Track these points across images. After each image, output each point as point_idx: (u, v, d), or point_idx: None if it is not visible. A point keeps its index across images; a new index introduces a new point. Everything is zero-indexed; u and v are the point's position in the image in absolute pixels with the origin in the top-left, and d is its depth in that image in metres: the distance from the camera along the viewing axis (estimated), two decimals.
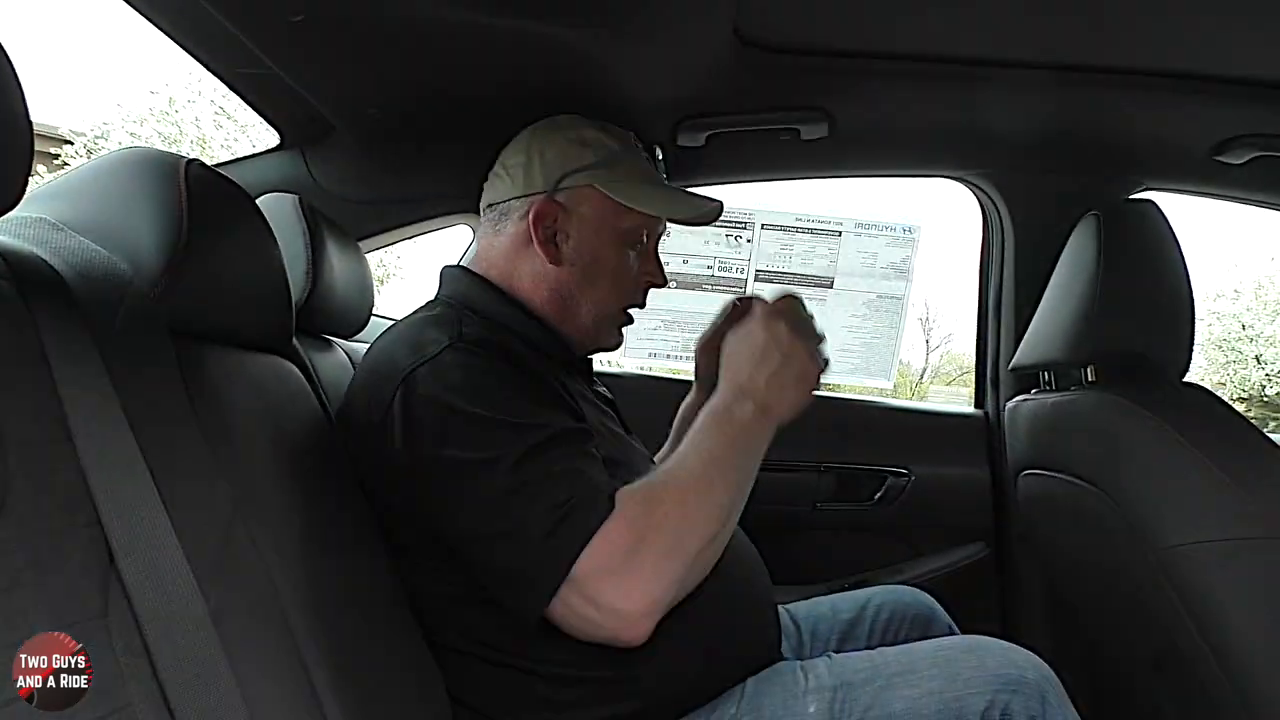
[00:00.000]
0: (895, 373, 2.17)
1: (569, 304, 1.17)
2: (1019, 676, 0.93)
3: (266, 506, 0.83)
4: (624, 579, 0.88)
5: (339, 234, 1.41)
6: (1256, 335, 14.75)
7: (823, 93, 1.53)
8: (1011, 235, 1.93)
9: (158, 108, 10.89)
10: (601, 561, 0.88)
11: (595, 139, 1.18)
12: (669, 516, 0.91)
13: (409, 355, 0.99)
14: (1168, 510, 1.18)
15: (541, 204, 1.15)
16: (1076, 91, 1.49)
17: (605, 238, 1.17)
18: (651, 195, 1.18)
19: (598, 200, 1.16)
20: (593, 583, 0.88)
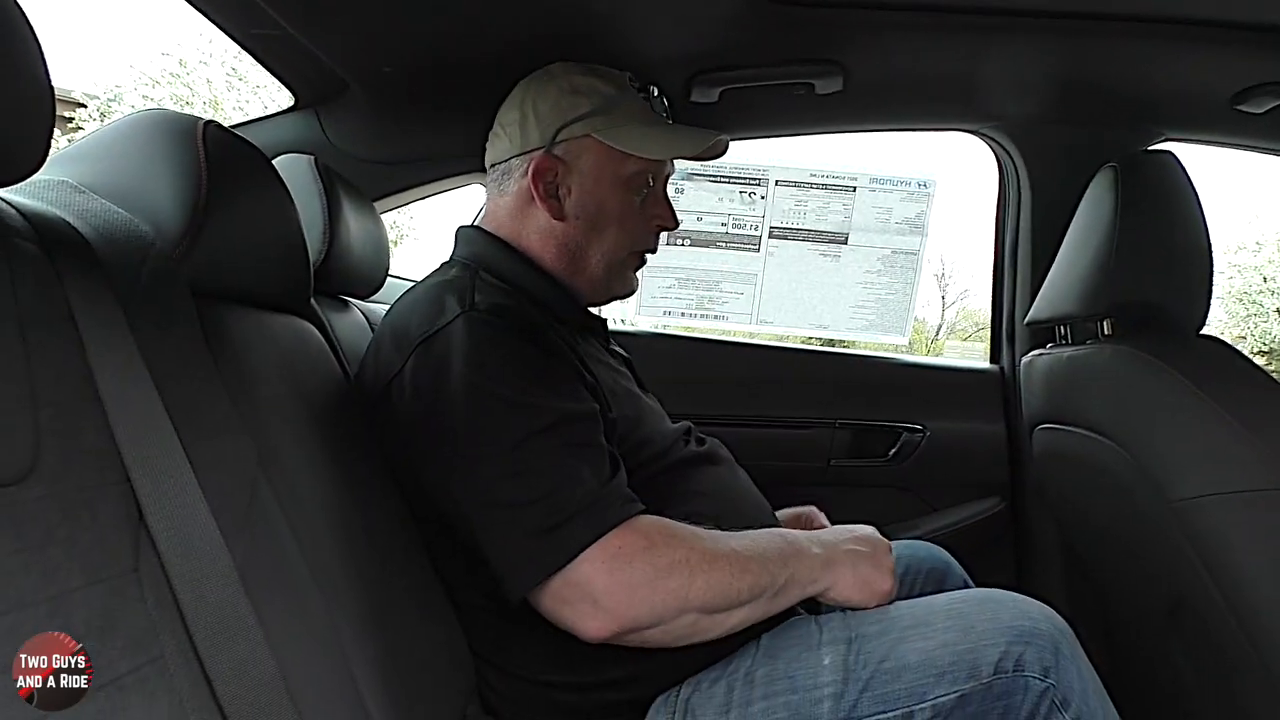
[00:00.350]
0: (910, 329, 2.16)
1: (578, 256, 1.18)
2: (1032, 628, 0.93)
3: (289, 462, 0.85)
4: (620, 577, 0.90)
5: (355, 194, 1.41)
6: (1278, 288, 14.58)
7: (837, 45, 1.51)
8: (1028, 189, 1.91)
9: (170, 69, 10.85)
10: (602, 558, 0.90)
11: (588, 85, 1.17)
12: (688, 560, 0.92)
13: (421, 323, 1.00)
14: (1182, 462, 1.18)
15: (540, 160, 1.15)
16: (1092, 41, 1.47)
17: (607, 186, 1.16)
18: (650, 137, 1.17)
19: (597, 149, 1.15)
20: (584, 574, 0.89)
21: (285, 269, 1.00)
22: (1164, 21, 1.40)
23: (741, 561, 0.95)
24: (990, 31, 1.45)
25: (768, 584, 0.96)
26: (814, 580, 1.00)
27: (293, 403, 0.93)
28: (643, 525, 0.93)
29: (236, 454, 0.76)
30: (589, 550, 0.89)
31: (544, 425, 0.94)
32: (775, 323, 2.15)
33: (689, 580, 0.91)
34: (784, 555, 0.99)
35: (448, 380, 0.96)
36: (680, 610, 0.91)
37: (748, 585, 0.94)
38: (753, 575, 0.94)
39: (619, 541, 0.90)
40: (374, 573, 0.91)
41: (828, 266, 2.10)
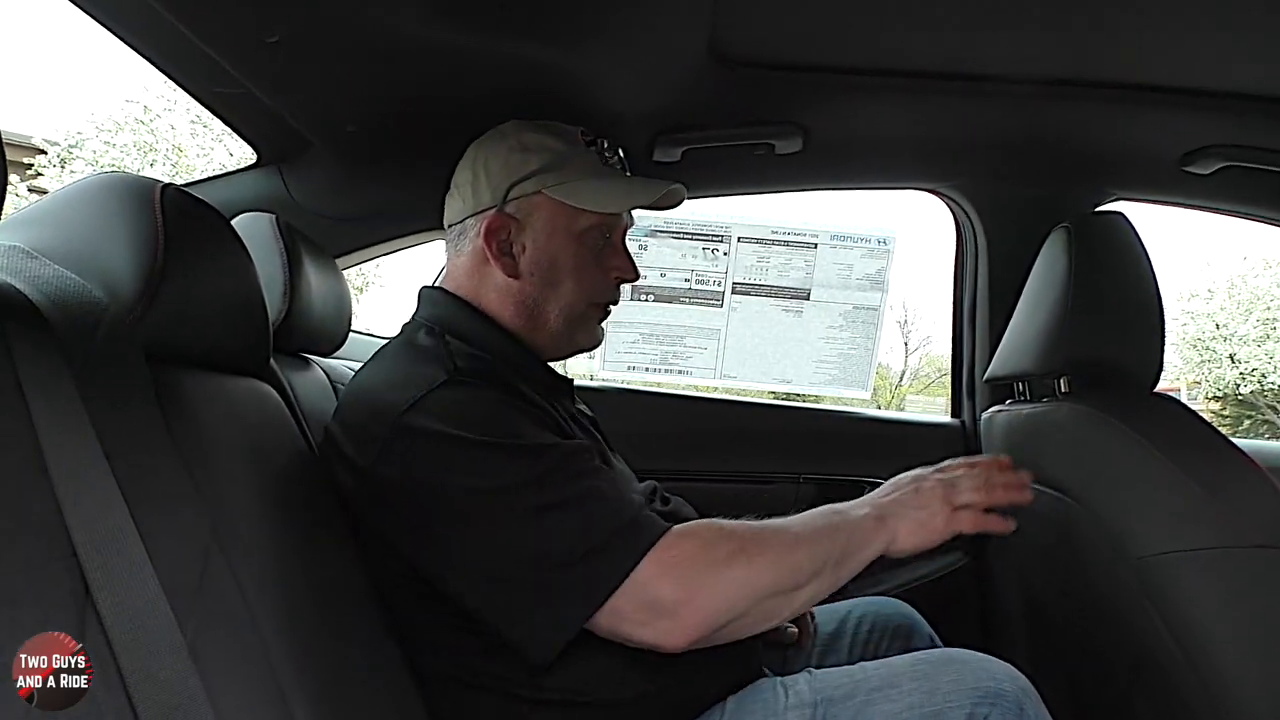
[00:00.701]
0: (872, 383, 2.18)
1: (536, 313, 1.17)
2: (996, 689, 0.93)
3: (245, 533, 0.82)
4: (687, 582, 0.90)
5: (316, 252, 1.40)
6: (1230, 334, 14.87)
7: (797, 107, 1.54)
8: (985, 247, 1.94)
9: (133, 116, 10.78)
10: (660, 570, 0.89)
11: (538, 142, 1.17)
12: (743, 548, 0.93)
13: (402, 391, 0.99)
14: (1141, 521, 1.19)
15: (492, 219, 1.15)
16: (1045, 104, 1.52)
17: (560, 241, 1.16)
18: (601, 190, 1.16)
19: (548, 205, 1.15)
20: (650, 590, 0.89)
21: (243, 332, 0.99)
22: (1114, 86, 1.45)
23: (792, 538, 0.96)
24: (946, 95, 1.49)
25: (825, 554, 0.96)
26: (870, 541, 1.00)
27: (250, 469, 0.91)
28: (687, 528, 0.94)
29: (190, 525, 0.74)
30: (643, 564, 0.89)
31: (550, 464, 0.94)
32: (739, 377, 2.15)
33: (750, 567, 0.91)
34: (833, 525, 0.99)
35: (439, 449, 0.94)
36: (752, 597, 0.92)
37: (806, 558, 0.95)
38: (807, 547, 0.95)
39: (670, 548, 0.90)
40: (331, 646, 0.89)
41: (790, 322, 2.11)
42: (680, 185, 1.24)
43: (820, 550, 0.96)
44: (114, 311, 0.76)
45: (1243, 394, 14.82)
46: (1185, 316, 15.33)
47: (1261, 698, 1.10)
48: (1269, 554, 1.12)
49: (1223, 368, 14.85)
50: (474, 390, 1.00)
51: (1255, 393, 14.75)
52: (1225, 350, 14.84)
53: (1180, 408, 1.25)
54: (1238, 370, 14.70)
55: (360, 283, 12.72)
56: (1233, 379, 14.76)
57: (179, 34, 1.07)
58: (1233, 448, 1.18)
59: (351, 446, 1.01)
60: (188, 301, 0.85)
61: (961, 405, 2.07)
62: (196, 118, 10.80)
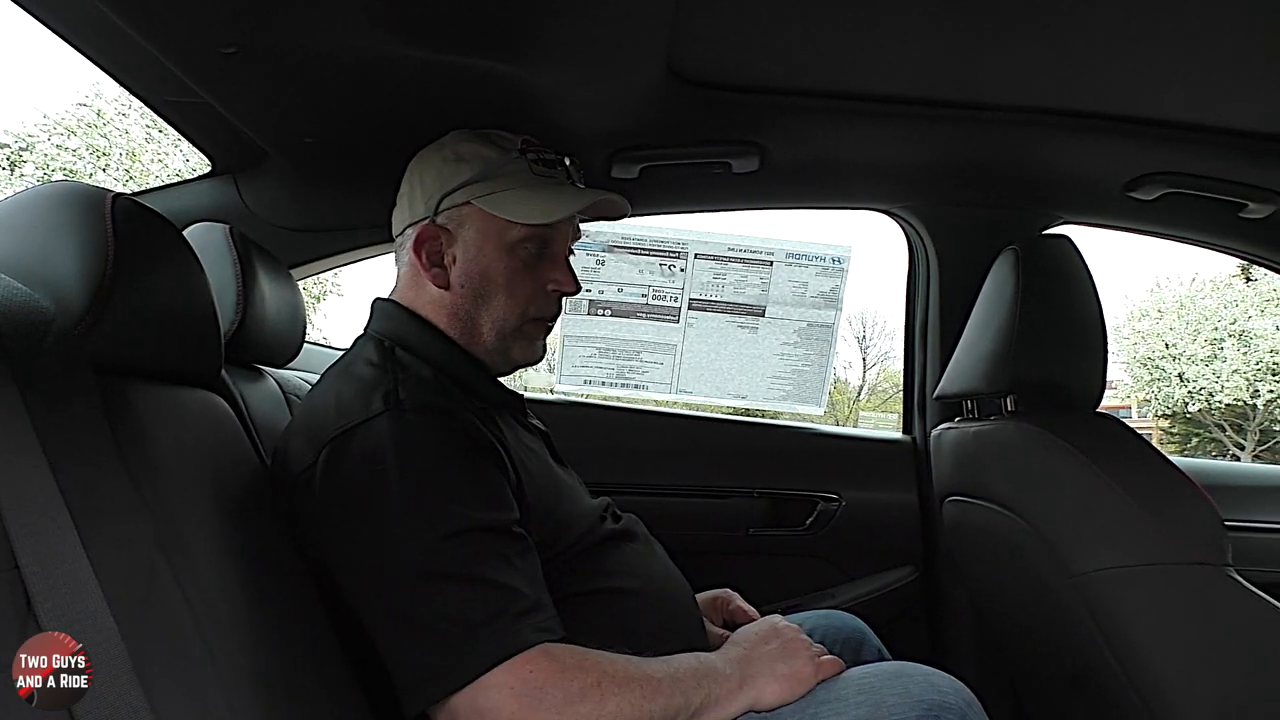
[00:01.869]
0: (826, 399, 2.20)
1: (468, 325, 1.16)
2: (941, 701, 0.94)
3: (192, 546, 0.82)
4: (529, 704, 0.86)
5: (270, 262, 1.40)
6: (1179, 354, 15.21)
7: (754, 127, 1.55)
8: (936, 267, 1.98)
9: (85, 120, 10.61)
10: (511, 684, 0.87)
11: (472, 152, 1.15)
12: (600, 684, 0.89)
13: (339, 416, 0.98)
14: (1082, 537, 1.21)
15: (422, 230, 1.14)
16: (995, 129, 1.55)
17: (491, 253, 1.14)
18: (531, 201, 1.14)
19: (478, 216, 1.14)
20: (493, 700, 0.87)
21: (194, 343, 0.99)
22: (1061, 114, 1.48)
23: (654, 684, 0.91)
24: (900, 119, 1.51)
25: (681, 705, 0.92)
26: (732, 700, 0.96)
27: (199, 481, 0.90)
28: (554, 651, 0.90)
29: (135, 537, 0.73)
30: (495, 673, 0.87)
31: (458, 531, 0.92)
32: (694, 392, 2.16)
33: (600, 706, 0.88)
34: (698, 676, 0.95)
35: (361, 480, 0.94)
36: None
37: (660, 708, 0.91)
38: (664, 698, 0.91)
39: (529, 666, 0.88)
40: (278, 659, 0.88)
41: (745, 338, 2.13)
42: (618, 196, 1.23)
43: (679, 699, 0.92)
44: (61, 322, 0.75)
45: (1190, 412, 15.15)
46: (1136, 336, 15.66)
47: (1197, 711, 1.13)
48: (1205, 571, 1.15)
49: (1171, 386, 15.18)
50: (408, 426, 0.98)
51: (1203, 410, 15.09)
52: (1174, 369, 15.17)
53: (1120, 427, 1.27)
54: (1186, 389, 15.04)
55: (318, 291, 12.62)
56: (1181, 397, 15.09)
57: (133, 43, 1.07)
58: (1171, 466, 1.21)
59: (292, 462, 1.01)
60: (137, 312, 0.85)
61: (913, 422, 2.09)
62: (151, 123, 10.66)
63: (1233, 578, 1.15)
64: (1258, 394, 14.58)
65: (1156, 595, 1.16)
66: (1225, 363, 14.71)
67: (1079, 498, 1.22)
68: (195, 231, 1.31)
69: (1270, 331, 14.61)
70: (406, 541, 0.91)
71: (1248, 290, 15.42)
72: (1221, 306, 15.26)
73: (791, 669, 0.99)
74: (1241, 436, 15.22)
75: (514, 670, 0.87)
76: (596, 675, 0.89)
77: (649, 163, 1.60)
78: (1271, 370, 14.50)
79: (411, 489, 0.93)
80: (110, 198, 0.84)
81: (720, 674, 0.97)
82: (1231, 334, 14.87)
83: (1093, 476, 1.21)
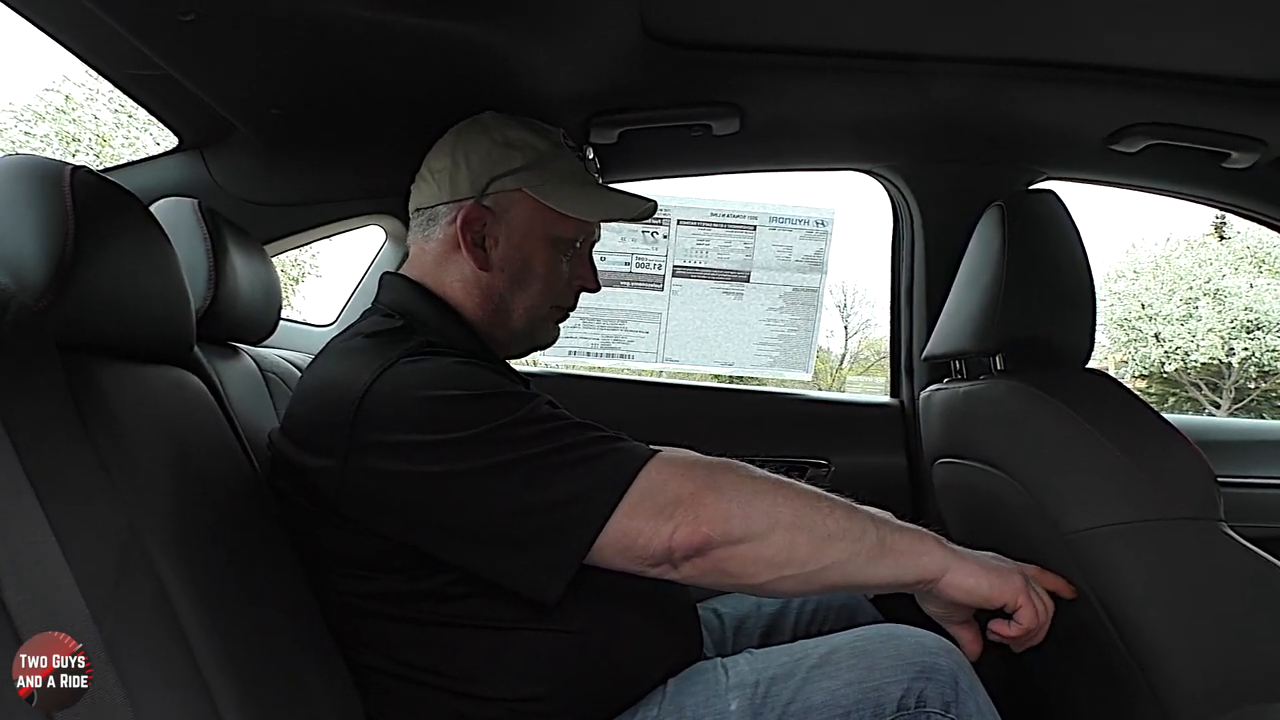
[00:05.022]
0: (813, 364, 2.20)
1: (500, 308, 1.16)
2: (932, 663, 0.95)
3: (166, 526, 0.80)
4: (700, 480, 0.88)
5: (242, 238, 1.37)
6: (1155, 314, 15.35)
7: (733, 88, 1.54)
8: (920, 226, 1.96)
9: (53, 105, 10.47)
10: (669, 469, 0.89)
11: (522, 140, 1.16)
12: (767, 480, 0.91)
13: (368, 366, 0.95)
14: (1072, 495, 1.20)
15: (469, 209, 1.13)
16: (975, 83, 1.53)
17: (536, 242, 1.15)
18: (582, 197, 1.16)
19: (528, 204, 1.14)
20: (660, 484, 0.88)
21: (164, 319, 0.96)
22: (1040, 65, 1.46)
23: (828, 505, 0.92)
24: (879, 75, 1.50)
25: (860, 531, 0.91)
26: (917, 550, 0.94)
27: (172, 459, 0.88)
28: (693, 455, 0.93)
29: (106, 517, 0.71)
30: (650, 467, 0.88)
31: (530, 404, 0.93)
32: (680, 361, 2.16)
33: (773, 494, 0.89)
34: (874, 519, 0.94)
35: (412, 412, 0.92)
36: (770, 521, 0.88)
37: (836, 523, 0.90)
38: (840, 517, 0.91)
39: (679, 456, 0.90)
40: (260, 643, 0.86)
41: (731, 304, 2.12)
42: (654, 202, 1.23)
43: (855, 526, 0.91)
44: (21, 299, 0.73)
45: (1167, 371, 15.29)
46: (1112, 297, 15.77)
47: (1190, 669, 1.12)
48: (1197, 526, 1.14)
49: (1148, 346, 15.33)
50: (441, 363, 0.97)
51: (1179, 370, 15.24)
52: (1150, 329, 15.31)
53: (1110, 382, 1.26)
54: (1162, 349, 15.18)
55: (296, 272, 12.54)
56: (1158, 357, 15.24)
57: (89, 13, 1.03)
58: (1161, 421, 1.20)
59: (313, 437, 0.97)
60: (101, 288, 0.82)
61: (900, 385, 2.09)
62: (120, 106, 10.54)
63: (1226, 533, 1.14)
64: (1233, 352, 14.72)
65: (1149, 552, 1.15)
66: (1200, 322, 14.84)
67: (1069, 455, 1.21)
68: (163, 206, 1.28)
69: (1244, 289, 14.74)
70: (491, 436, 0.89)
71: (1221, 249, 15.58)
72: (1196, 265, 15.38)
73: (993, 574, 0.97)
74: (1217, 395, 15.39)
75: (660, 464, 0.89)
76: (759, 477, 0.91)
77: (627, 126, 1.58)
78: (1246, 328, 14.65)
79: (464, 396, 0.92)
80: (69, 170, 0.81)
81: (900, 529, 0.96)
82: (1206, 293, 15.01)
83: (1083, 433, 1.19)
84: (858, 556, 0.90)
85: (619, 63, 1.39)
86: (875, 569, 0.92)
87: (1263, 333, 14.56)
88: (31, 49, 11.78)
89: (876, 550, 0.91)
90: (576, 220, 1.16)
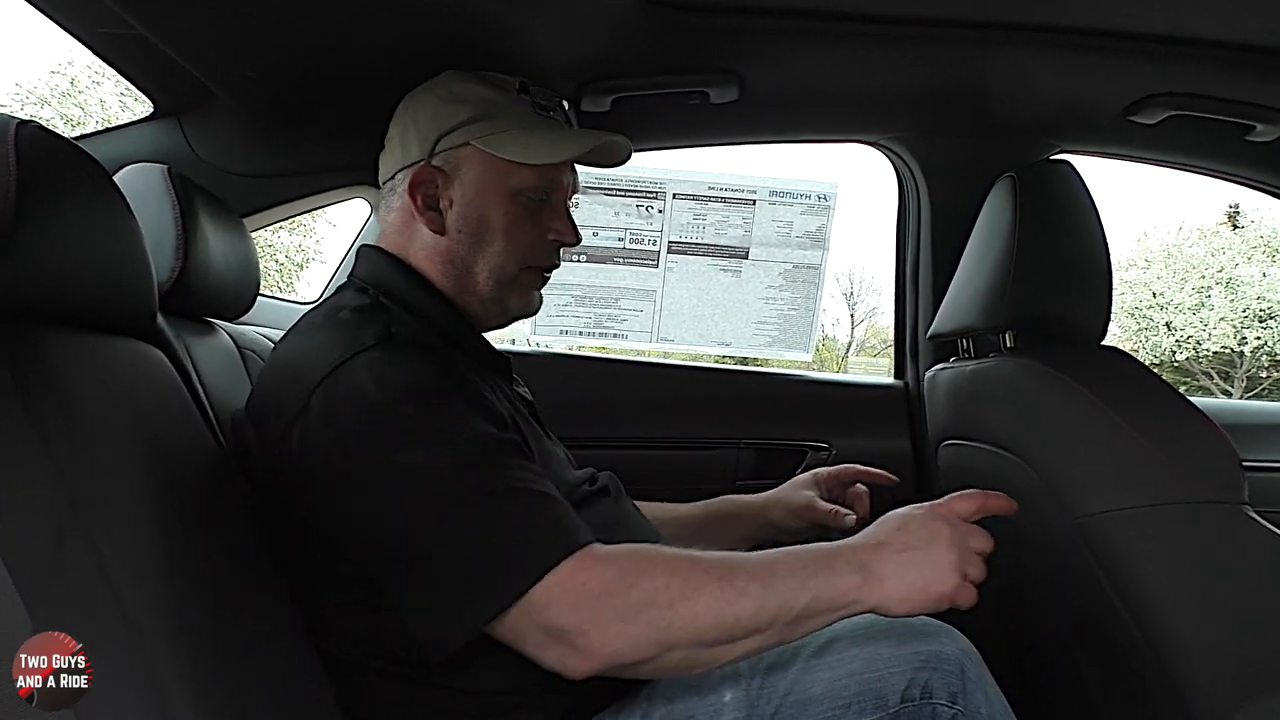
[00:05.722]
0: (814, 345, 2.15)
1: (464, 273, 1.10)
2: (938, 652, 0.92)
3: (114, 509, 0.74)
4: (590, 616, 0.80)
5: (217, 207, 1.33)
6: (1166, 303, 15.32)
7: (731, 54, 1.48)
8: (927, 201, 1.91)
9: (59, 89, 10.49)
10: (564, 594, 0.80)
11: (470, 93, 1.10)
12: (669, 587, 0.81)
13: (332, 351, 0.91)
14: (1088, 477, 1.16)
15: (418, 172, 1.09)
16: (987, 50, 1.48)
17: (491, 197, 1.09)
18: (535, 142, 1.09)
19: (478, 159, 1.08)
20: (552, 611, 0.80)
21: (121, 287, 0.90)
22: (1058, 31, 1.41)
23: (738, 589, 0.81)
24: (885, 41, 1.45)
25: (777, 611, 0.82)
26: (844, 602, 0.84)
27: (127, 437, 0.82)
28: (610, 554, 0.83)
29: (43, 499, 0.67)
30: (545, 584, 0.80)
31: (477, 451, 0.87)
32: (676, 340, 2.10)
33: (671, 613, 0.80)
34: (805, 575, 0.83)
35: (362, 414, 0.88)
36: (663, 647, 0.80)
37: (750, 613, 0.81)
38: (755, 600, 0.81)
39: (581, 572, 0.81)
40: (224, 630, 0.81)
41: (728, 282, 2.07)
42: (623, 138, 1.17)
43: (772, 606, 0.82)
44: None
45: (1178, 360, 15.25)
46: (1123, 286, 15.71)
47: (1211, 659, 1.08)
48: (1221, 510, 1.09)
49: (1159, 335, 15.30)
50: (406, 356, 0.92)
51: (1190, 359, 15.20)
52: (1162, 318, 15.28)
53: (1127, 359, 1.22)
54: (1174, 338, 15.15)
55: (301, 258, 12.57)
56: (1169, 346, 15.21)
57: None
58: (1182, 399, 1.16)
59: (271, 408, 0.95)
60: (48, 251, 0.76)
61: (905, 366, 2.05)
62: (125, 90, 10.53)
63: (1251, 517, 1.09)
64: (1245, 341, 14.68)
65: (1169, 537, 1.10)
66: (1212, 311, 14.80)
67: (1084, 436, 1.17)
68: (131, 173, 1.23)
69: (1257, 278, 14.69)
70: (427, 469, 0.84)
71: (1234, 238, 15.52)
72: (1208, 254, 15.33)
73: (926, 580, 0.85)
74: (1229, 384, 15.36)
75: (561, 583, 0.80)
76: (665, 578, 0.81)
77: (621, 94, 1.52)
78: (1258, 317, 14.60)
79: (419, 416, 0.87)
80: (15, 124, 0.75)
81: (835, 572, 0.84)
82: (1219, 282, 14.96)
83: (1098, 413, 1.15)
84: (768, 639, 0.84)
85: (613, 26, 1.34)
86: (790, 637, 0.85)
87: (1275, 321, 14.50)
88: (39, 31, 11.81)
89: (793, 625, 0.84)
90: (536, 168, 1.09)
